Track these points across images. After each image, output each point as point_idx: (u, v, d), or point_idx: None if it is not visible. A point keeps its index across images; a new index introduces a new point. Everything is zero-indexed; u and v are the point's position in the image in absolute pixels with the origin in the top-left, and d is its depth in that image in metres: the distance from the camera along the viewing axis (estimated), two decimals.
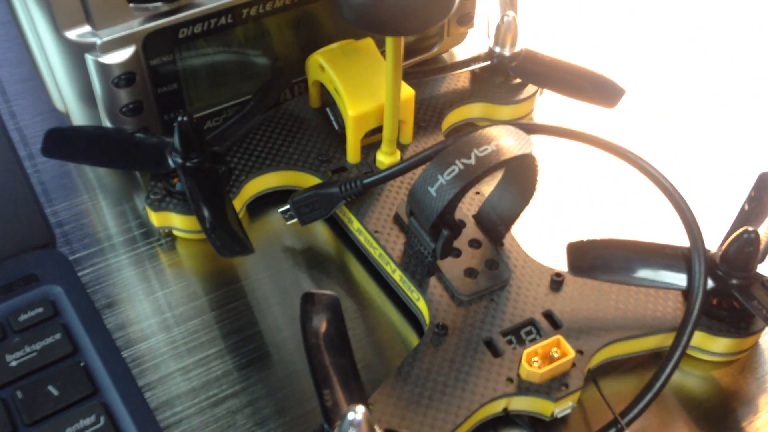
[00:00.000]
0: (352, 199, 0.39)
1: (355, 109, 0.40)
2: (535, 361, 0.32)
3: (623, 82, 0.45)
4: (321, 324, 0.31)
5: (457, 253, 0.37)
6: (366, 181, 0.38)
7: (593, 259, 0.36)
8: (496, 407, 0.33)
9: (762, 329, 0.36)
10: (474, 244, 0.38)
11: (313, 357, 0.31)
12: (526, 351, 0.33)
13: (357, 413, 0.27)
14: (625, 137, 0.41)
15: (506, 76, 0.47)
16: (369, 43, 0.43)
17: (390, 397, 0.32)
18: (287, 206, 0.40)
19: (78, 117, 0.41)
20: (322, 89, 0.43)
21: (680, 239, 0.36)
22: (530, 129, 0.37)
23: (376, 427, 0.28)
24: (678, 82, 0.52)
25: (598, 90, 0.45)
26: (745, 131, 0.49)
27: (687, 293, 0.36)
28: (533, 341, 0.34)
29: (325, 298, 0.32)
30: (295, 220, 0.40)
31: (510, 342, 0.34)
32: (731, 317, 0.36)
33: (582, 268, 0.36)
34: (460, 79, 0.47)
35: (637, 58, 0.53)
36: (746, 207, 0.38)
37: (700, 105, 0.50)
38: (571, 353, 0.33)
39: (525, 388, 0.33)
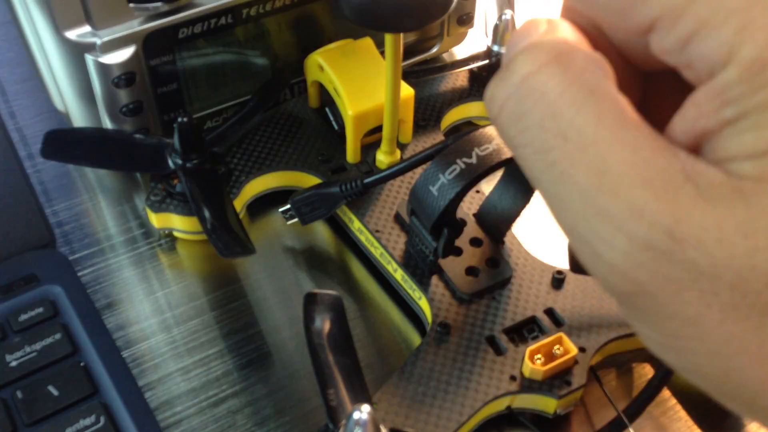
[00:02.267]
0: (353, 198, 0.39)
1: (355, 109, 0.40)
2: (537, 358, 0.32)
3: None
4: (324, 324, 0.31)
5: (459, 252, 0.37)
6: (367, 180, 0.38)
7: None
8: (500, 405, 0.33)
9: None
10: (475, 242, 0.38)
11: (317, 357, 0.30)
12: (529, 348, 0.33)
13: (362, 412, 0.27)
14: None
15: None
16: (368, 42, 0.43)
17: (394, 396, 0.32)
18: (288, 206, 0.40)
19: (78, 117, 0.41)
20: (322, 89, 0.43)
21: None
22: None
23: (381, 427, 0.28)
24: None
25: None
26: None
27: None
28: (535, 339, 0.34)
29: (328, 297, 0.32)
30: (295, 219, 0.40)
31: (512, 340, 0.34)
32: None
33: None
34: (459, 78, 0.47)
35: None
36: None
37: None
38: (574, 350, 0.33)
39: (528, 385, 0.33)
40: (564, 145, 0.16)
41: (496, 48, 0.46)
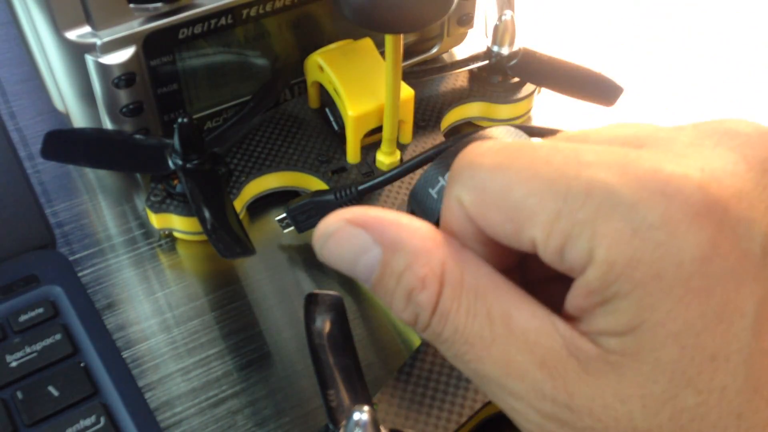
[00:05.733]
0: (349, 205, 0.39)
1: (355, 110, 0.40)
2: None
3: (621, 81, 0.45)
4: (325, 324, 0.31)
5: None
6: (361, 187, 0.38)
7: None
8: None
9: None
10: None
11: (318, 357, 0.30)
12: None
13: (363, 413, 0.27)
14: None
15: (504, 75, 0.47)
16: (368, 43, 0.43)
17: (394, 397, 0.32)
18: (284, 214, 0.40)
19: (78, 117, 0.41)
20: (322, 90, 0.43)
21: None
22: (531, 131, 0.37)
23: (381, 427, 0.28)
24: (676, 80, 0.52)
25: (597, 88, 0.45)
26: None
27: None
28: None
29: (329, 298, 0.32)
30: (291, 228, 0.40)
31: None
32: None
33: None
34: (459, 79, 0.47)
35: (635, 56, 0.54)
36: None
37: (699, 103, 0.50)
38: None
39: None
40: (472, 349, 0.21)
41: (496, 48, 0.46)
